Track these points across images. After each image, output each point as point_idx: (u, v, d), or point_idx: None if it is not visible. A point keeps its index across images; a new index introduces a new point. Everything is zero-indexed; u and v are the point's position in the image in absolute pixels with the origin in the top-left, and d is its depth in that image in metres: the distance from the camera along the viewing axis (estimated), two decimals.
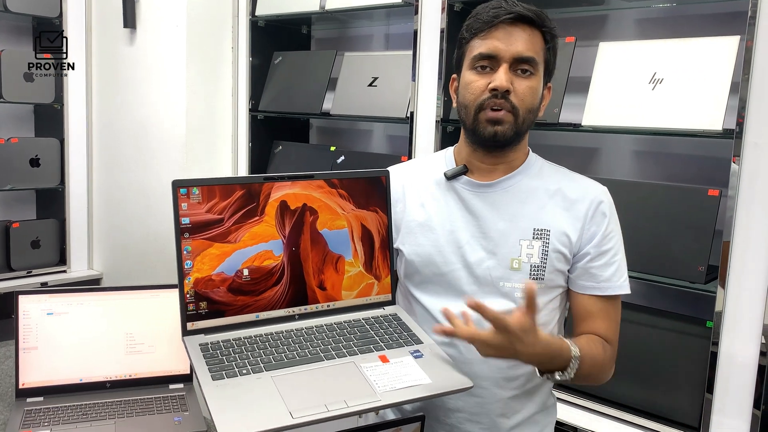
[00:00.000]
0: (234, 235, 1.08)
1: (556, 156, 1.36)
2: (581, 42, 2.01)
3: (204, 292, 1.07)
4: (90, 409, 1.51)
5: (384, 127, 2.83)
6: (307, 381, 1.00)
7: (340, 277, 1.18)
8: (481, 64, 1.17)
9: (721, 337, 1.65)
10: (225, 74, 2.90)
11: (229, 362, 1.02)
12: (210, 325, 1.07)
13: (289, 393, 0.96)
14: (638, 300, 2.03)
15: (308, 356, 1.05)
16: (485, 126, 1.16)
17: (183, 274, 1.05)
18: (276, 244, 1.12)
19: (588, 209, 1.20)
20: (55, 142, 3.11)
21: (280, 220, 1.12)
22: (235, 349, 1.05)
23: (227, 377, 0.99)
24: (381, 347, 1.10)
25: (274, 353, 1.05)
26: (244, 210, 1.09)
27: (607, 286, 1.20)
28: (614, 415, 1.83)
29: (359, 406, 0.95)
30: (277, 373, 1.01)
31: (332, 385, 0.99)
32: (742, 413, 1.63)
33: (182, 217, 1.05)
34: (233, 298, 1.09)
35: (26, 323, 1.53)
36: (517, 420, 1.23)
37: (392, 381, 1.01)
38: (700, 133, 1.72)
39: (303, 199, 1.15)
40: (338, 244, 1.18)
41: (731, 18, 1.88)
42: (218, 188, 1.07)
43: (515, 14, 1.14)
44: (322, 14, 2.61)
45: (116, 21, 2.97)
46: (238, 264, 1.09)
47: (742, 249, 1.61)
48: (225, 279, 1.08)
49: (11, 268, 2.99)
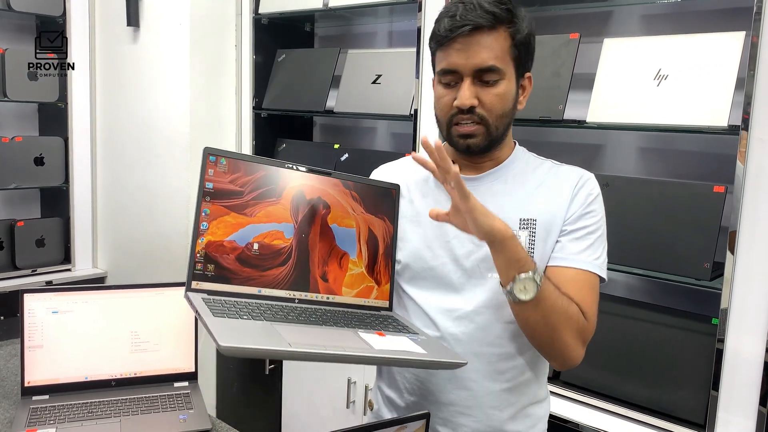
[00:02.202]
0: (251, 210, 1.13)
1: (560, 153, 1.36)
2: (586, 38, 2.00)
3: (214, 256, 1.09)
4: (95, 408, 1.51)
5: (388, 125, 2.83)
6: (305, 331, 1.03)
7: (342, 272, 1.21)
8: (446, 79, 1.16)
9: (726, 334, 1.64)
10: (228, 72, 2.90)
11: (230, 311, 1.04)
12: (213, 288, 1.09)
13: (288, 332, 0.99)
14: (643, 297, 2.03)
15: (308, 321, 1.08)
16: (458, 140, 1.17)
17: (198, 233, 1.08)
18: (288, 227, 1.16)
19: (572, 191, 1.19)
20: (59, 141, 3.11)
21: (295, 206, 1.17)
22: (238, 305, 1.07)
23: (228, 317, 1.00)
24: (378, 329, 1.12)
25: (275, 314, 1.07)
26: (264, 189, 1.14)
27: (576, 260, 1.15)
28: (620, 413, 1.83)
29: (356, 352, 0.98)
30: (276, 323, 1.03)
31: (329, 338, 1.02)
32: (748, 410, 1.63)
33: (207, 182, 1.09)
34: (240, 267, 1.12)
35: (31, 321, 1.54)
36: (510, 413, 1.23)
37: (388, 345, 1.04)
38: (705, 129, 1.71)
39: (319, 192, 1.19)
40: (345, 241, 1.21)
41: (736, 14, 1.87)
42: (243, 164, 1.13)
43: (470, 25, 1.10)
44: (326, 11, 2.61)
45: (120, 19, 2.97)
46: (250, 237, 1.12)
47: (748, 245, 1.60)
48: (235, 248, 1.11)
49: (16, 267, 3.00)
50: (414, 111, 2.27)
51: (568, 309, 1.11)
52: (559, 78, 1.96)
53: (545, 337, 1.12)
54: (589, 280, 1.17)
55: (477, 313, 1.19)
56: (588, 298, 1.15)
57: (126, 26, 2.94)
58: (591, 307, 1.15)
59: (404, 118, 2.36)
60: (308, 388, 2.56)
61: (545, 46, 2.00)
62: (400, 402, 1.30)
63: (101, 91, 3.21)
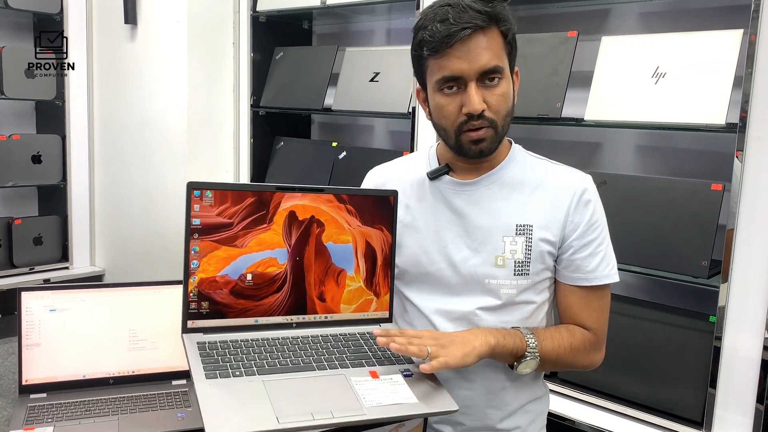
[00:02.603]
0: (241, 240, 1.11)
1: (558, 151, 1.36)
2: (584, 36, 2.00)
3: (207, 293, 1.09)
4: (93, 406, 1.51)
5: (386, 123, 2.83)
6: (296, 389, 1.01)
7: (340, 290, 1.20)
8: (447, 86, 1.12)
9: (724, 331, 1.64)
10: (226, 70, 2.90)
11: (223, 363, 1.04)
12: (210, 324, 1.10)
13: (278, 398, 0.98)
14: (641, 295, 2.03)
15: (301, 365, 1.07)
16: (469, 146, 1.14)
17: (189, 272, 1.08)
18: (281, 252, 1.14)
19: (571, 200, 1.18)
20: (57, 139, 3.10)
21: (287, 229, 1.15)
22: (231, 350, 1.07)
23: (220, 377, 1.00)
24: (372, 363, 1.11)
25: (268, 358, 1.07)
26: (254, 217, 1.12)
27: (594, 277, 1.19)
28: (617, 410, 1.83)
29: (344, 418, 0.97)
30: (268, 378, 1.02)
31: (321, 396, 1.01)
32: (745, 408, 1.63)
33: (193, 218, 1.08)
34: (234, 300, 1.11)
35: (29, 320, 1.53)
36: (508, 411, 1.24)
37: (380, 397, 1.02)
38: (703, 127, 1.71)
39: (311, 211, 1.17)
40: (341, 258, 1.20)
41: (734, 11, 1.87)
42: (231, 194, 1.10)
43: (470, 28, 1.07)
44: (323, 9, 2.61)
45: (117, 17, 2.96)
46: (243, 268, 1.11)
47: (746, 243, 1.61)
48: (228, 282, 1.10)
49: (13, 265, 3.00)
50: (412, 109, 2.27)
51: (572, 345, 1.19)
52: (557, 76, 1.96)
53: (561, 368, 1.23)
54: (601, 293, 1.22)
55: (474, 314, 1.20)
56: (600, 311, 1.23)
57: (123, 24, 2.93)
58: (602, 318, 1.23)
59: (402, 116, 2.35)
60: None
61: (543, 44, 2.00)
62: None
63: (99, 89, 3.20)
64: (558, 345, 1.17)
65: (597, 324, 1.22)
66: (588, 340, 1.21)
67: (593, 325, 1.21)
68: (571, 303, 1.22)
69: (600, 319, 1.22)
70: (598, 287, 1.21)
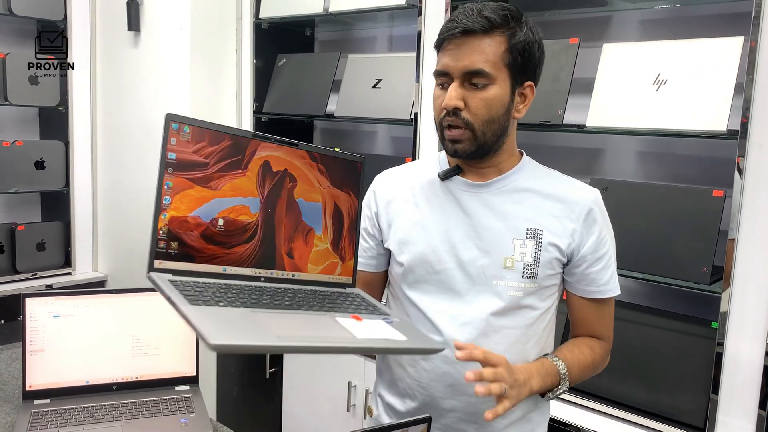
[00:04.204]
0: (215, 183, 1.06)
1: (560, 157, 1.37)
2: (585, 43, 2.01)
3: (177, 233, 1.02)
4: (96, 411, 1.51)
5: (388, 129, 2.83)
6: (286, 320, 0.98)
7: (308, 249, 1.17)
8: (439, 81, 1.18)
9: (726, 337, 1.65)
10: (229, 77, 2.91)
11: (204, 295, 0.97)
12: (177, 267, 1.03)
13: (271, 324, 0.94)
14: (643, 301, 2.03)
15: (283, 304, 1.03)
16: (447, 144, 1.18)
17: (160, 208, 1.01)
18: (254, 201, 1.10)
19: (580, 215, 1.20)
20: (60, 145, 3.12)
21: (261, 179, 1.11)
22: (208, 289, 1.01)
23: (204, 305, 0.94)
24: (349, 310, 1.09)
25: (249, 298, 1.02)
26: (229, 161, 1.07)
27: (607, 289, 1.25)
28: (619, 416, 1.83)
29: (341, 342, 0.95)
30: (255, 310, 0.98)
31: (311, 326, 0.98)
32: (747, 414, 1.63)
33: (169, 152, 1.02)
34: (204, 245, 1.05)
35: (33, 325, 1.54)
36: (511, 419, 1.24)
37: (368, 332, 1.00)
38: (704, 134, 1.72)
39: (285, 164, 1.14)
40: (311, 216, 1.17)
41: (735, 19, 1.88)
42: (208, 132, 1.05)
43: (462, 28, 1.12)
44: (326, 16, 2.62)
45: (120, 24, 2.98)
46: (215, 212, 1.06)
47: (747, 249, 1.61)
48: (200, 224, 1.04)
49: (17, 271, 3.00)
50: (414, 115, 2.27)
51: (594, 363, 1.27)
52: (559, 82, 1.97)
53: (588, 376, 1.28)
54: (610, 303, 1.30)
55: (481, 319, 1.20)
56: (610, 320, 1.31)
57: (127, 30, 2.95)
58: (610, 325, 1.32)
59: (404, 123, 2.36)
60: (309, 392, 2.57)
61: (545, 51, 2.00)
62: (401, 407, 1.30)
63: (102, 95, 3.22)
64: (584, 368, 1.25)
65: (608, 332, 1.31)
66: (605, 352, 1.31)
67: (606, 334, 1.30)
68: (585, 315, 1.28)
69: (610, 327, 1.31)
70: (610, 299, 1.28)
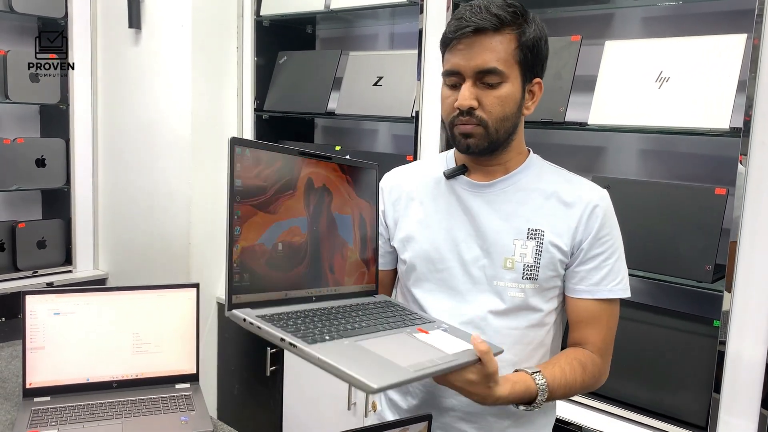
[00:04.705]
0: (274, 206, 1.01)
1: (562, 155, 1.36)
2: (587, 41, 2.00)
3: (249, 264, 0.97)
4: (97, 409, 1.51)
5: (389, 127, 2.83)
6: (387, 346, 0.97)
7: (344, 262, 1.16)
8: (450, 81, 1.17)
9: (728, 336, 1.64)
10: (230, 74, 2.91)
11: (305, 330, 0.93)
12: (253, 299, 0.97)
13: (387, 353, 0.93)
14: (645, 299, 2.03)
15: (366, 327, 1.02)
16: (459, 139, 1.17)
17: (233, 240, 0.94)
18: (303, 221, 1.06)
19: (582, 213, 1.19)
20: (61, 143, 3.11)
21: (306, 197, 1.08)
22: (297, 321, 0.97)
23: (319, 341, 0.90)
24: (411, 324, 1.10)
25: (336, 325, 0.99)
26: (283, 181, 1.03)
27: (597, 290, 1.19)
28: (621, 415, 1.83)
29: (449, 362, 0.96)
30: (356, 339, 0.96)
31: (411, 350, 0.98)
32: (749, 413, 1.63)
33: (236, 179, 0.95)
34: (269, 272, 1.00)
35: (33, 323, 1.54)
36: (512, 420, 1.23)
37: (447, 346, 1.02)
38: (706, 131, 1.71)
39: (323, 179, 1.12)
40: (345, 229, 1.16)
41: (738, 16, 1.87)
42: (264, 154, 1.00)
43: (472, 26, 1.11)
44: (327, 14, 2.61)
45: (121, 21, 2.97)
46: (275, 236, 1.01)
47: (749, 248, 1.60)
48: (264, 251, 0.99)
49: (17, 268, 3.00)
50: (415, 113, 2.27)
51: (583, 382, 1.18)
52: (561, 80, 1.97)
53: (572, 395, 1.20)
54: (608, 309, 1.21)
55: (482, 319, 1.20)
56: (607, 329, 1.22)
57: (128, 28, 2.94)
58: (609, 337, 1.23)
59: (405, 120, 2.36)
60: (309, 390, 2.56)
61: None
62: (403, 404, 1.30)
63: (103, 92, 3.21)
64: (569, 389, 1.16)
65: (603, 342, 1.22)
66: (598, 371, 1.21)
67: (599, 343, 1.21)
68: (581, 318, 1.22)
69: (606, 337, 1.22)
70: (605, 303, 1.21)
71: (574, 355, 1.20)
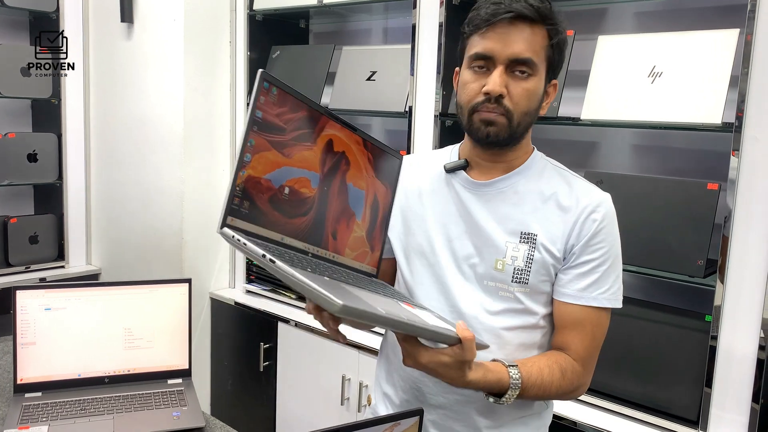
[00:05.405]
0: (289, 150, 1.02)
1: (555, 150, 1.36)
2: (580, 36, 2.00)
3: (251, 193, 0.98)
4: (88, 405, 1.51)
5: (382, 122, 2.83)
6: (368, 296, 0.98)
7: (348, 233, 1.15)
8: (477, 64, 1.13)
9: (720, 331, 1.65)
10: (223, 68, 2.90)
11: (290, 257, 0.95)
12: (245, 227, 0.98)
13: (366, 298, 0.94)
14: (637, 294, 2.03)
15: (349, 282, 1.02)
16: (479, 126, 1.14)
17: (241, 164, 0.95)
18: (315, 176, 1.07)
19: (577, 218, 1.16)
20: (53, 137, 3.10)
21: (323, 156, 1.08)
22: (286, 252, 0.98)
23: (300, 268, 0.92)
24: (399, 299, 1.11)
25: (323, 270, 1.00)
26: (303, 131, 1.05)
27: (581, 296, 1.16)
28: (613, 409, 1.84)
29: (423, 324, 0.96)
30: (339, 283, 0.97)
31: (391, 307, 0.99)
32: (741, 407, 1.63)
33: (257, 110, 0.97)
34: (270, 210, 1.01)
35: (24, 318, 1.53)
36: (503, 421, 1.22)
37: (429, 319, 1.02)
38: (699, 126, 1.71)
39: (344, 146, 1.12)
40: (355, 201, 1.15)
41: (731, 11, 1.87)
42: (291, 99, 1.02)
43: (514, 12, 1.09)
44: (320, 8, 2.60)
45: (113, 15, 2.96)
46: (284, 179, 1.02)
47: (741, 243, 1.61)
48: (270, 188, 1.00)
49: (9, 264, 2.99)
50: (409, 108, 2.26)
51: (560, 387, 1.15)
52: None
53: (546, 398, 1.19)
54: (592, 317, 1.18)
55: (472, 317, 1.19)
56: (591, 338, 1.18)
57: (120, 22, 2.93)
58: (593, 347, 1.19)
59: (399, 115, 2.35)
60: (303, 385, 2.56)
61: None
62: (395, 399, 1.30)
63: (95, 87, 3.20)
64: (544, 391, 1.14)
65: (585, 351, 1.18)
66: (577, 380, 1.18)
67: (581, 351, 1.18)
68: (561, 321, 1.19)
69: (590, 346, 1.18)
70: (590, 310, 1.17)
71: (557, 359, 1.17)
